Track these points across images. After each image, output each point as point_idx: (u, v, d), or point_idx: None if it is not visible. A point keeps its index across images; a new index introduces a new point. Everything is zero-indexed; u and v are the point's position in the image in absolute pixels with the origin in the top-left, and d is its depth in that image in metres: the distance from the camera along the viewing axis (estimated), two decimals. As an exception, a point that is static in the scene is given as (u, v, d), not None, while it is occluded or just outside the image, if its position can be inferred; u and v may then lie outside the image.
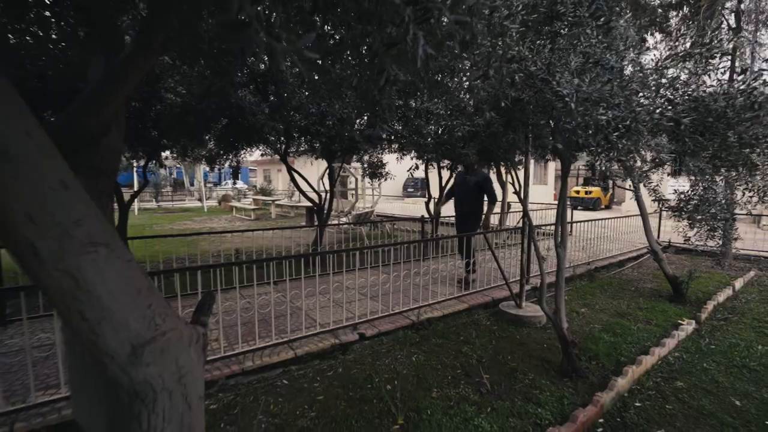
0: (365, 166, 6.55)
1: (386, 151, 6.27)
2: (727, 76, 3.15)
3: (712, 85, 3.23)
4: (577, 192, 16.98)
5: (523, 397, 2.63)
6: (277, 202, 15.94)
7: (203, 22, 1.59)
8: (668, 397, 2.60)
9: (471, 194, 4.89)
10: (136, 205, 14.62)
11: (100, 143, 1.27)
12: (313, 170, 9.78)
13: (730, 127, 2.63)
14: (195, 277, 3.03)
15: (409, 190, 22.52)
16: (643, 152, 3.41)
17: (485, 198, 4.88)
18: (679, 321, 3.93)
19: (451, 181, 6.69)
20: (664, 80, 2.56)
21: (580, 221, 7.30)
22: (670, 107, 2.28)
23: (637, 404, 2.54)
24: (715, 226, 4.45)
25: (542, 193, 17.76)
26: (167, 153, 6.00)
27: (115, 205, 4.68)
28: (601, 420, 2.38)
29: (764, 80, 2.89)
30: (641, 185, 4.94)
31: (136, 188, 12.31)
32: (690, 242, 4.53)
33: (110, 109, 1.24)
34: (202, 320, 1.10)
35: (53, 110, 3.33)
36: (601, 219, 7.15)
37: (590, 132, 2.28)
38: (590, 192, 16.62)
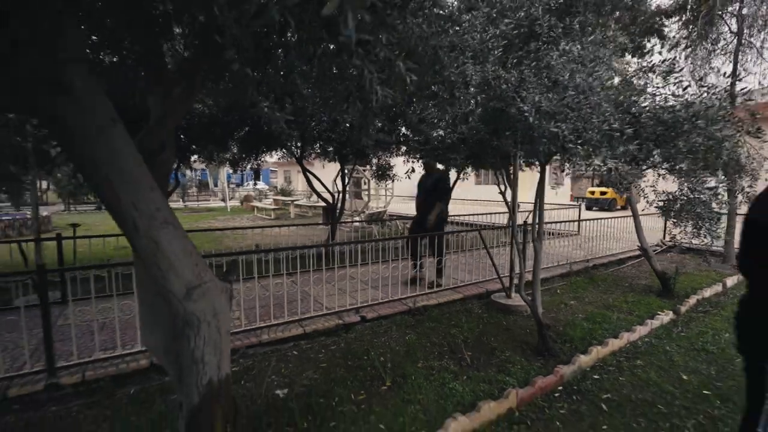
0: (374, 168, 7.05)
1: (394, 154, 6.75)
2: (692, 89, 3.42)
3: (678, 96, 3.57)
4: (592, 193, 16.97)
5: (497, 369, 3.04)
6: (296, 203, 16.64)
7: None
8: (624, 372, 2.96)
9: (429, 195, 4.99)
10: (165, 205, 15.57)
11: (157, 157, 1.80)
12: (329, 172, 10.35)
13: (678, 136, 2.97)
14: (220, 268, 3.59)
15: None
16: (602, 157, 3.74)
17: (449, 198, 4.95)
18: (659, 312, 4.23)
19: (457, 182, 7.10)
20: (622, 97, 2.93)
21: (587, 220, 7.56)
22: (615, 119, 2.64)
23: (596, 377, 2.92)
24: (700, 224, 4.72)
25: (560, 194, 17.89)
26: (194, 157, 6.66)
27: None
28: (560, 387, 2.77)
29: (718, 92, 3.22)
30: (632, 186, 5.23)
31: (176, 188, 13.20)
32: (689, 242, 4.80)
33: (164, 134, 1.77)
34: (229, 279, 1.61)
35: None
36: (605, 218, 7.40)
37: (546, 141, 2.69)
38: (605, 192, 16.57)
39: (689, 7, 6.41)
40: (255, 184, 27.97)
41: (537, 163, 3.68)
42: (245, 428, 2.06)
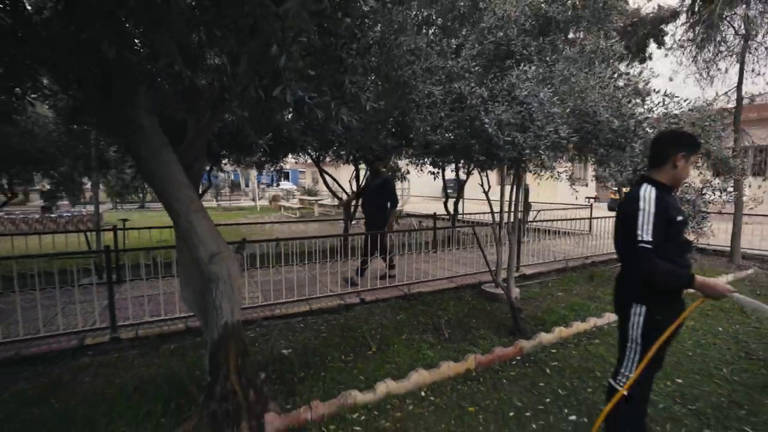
0: (383, 169, 7.65)
1: (401, 156, 7.31)
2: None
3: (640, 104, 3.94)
4: (614, 193, 16.78)
5: (469, 343, 3.57)
6: (320, 202, 17.52)
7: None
8: (579, 348, 3.41)
9: (374, 197, 5.25)
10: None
11: (193, 167, 2.49)
12: (348, 173, 11.05)
13: (627, 142, 3.38)
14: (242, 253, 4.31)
15: (448, 191, 23.37)
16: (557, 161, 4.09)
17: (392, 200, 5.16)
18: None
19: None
20: (582, 107, 3.38)
21: (598, 218, 7.85)
22: (561, 129, 3.09)
23: (553, 351, 3.38)
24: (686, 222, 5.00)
25: (584, 193, 17.85)
26: (225, 160, 7.51)
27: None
28: (518, 357, 3.26)
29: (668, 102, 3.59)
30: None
31: (201, 189, 14.47)
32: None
33: (196, 149, 2.46)
34: (240, 252, 2.26)
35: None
36: (600, 218, 7.65)
37: (508, 148, 3.19)
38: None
39: (696, 9, 6.53)
40: (278, 184, 29.27)
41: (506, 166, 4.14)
42: (254, 371, 2.71)
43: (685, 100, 4.18)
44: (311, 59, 1.87)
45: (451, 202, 8.80)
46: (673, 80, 7.58)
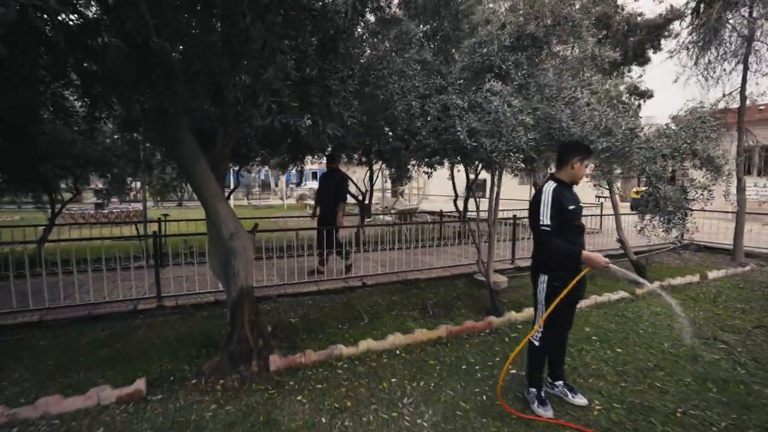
0: (392, 169, 8.28)
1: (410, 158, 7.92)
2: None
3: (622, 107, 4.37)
4: (637, 193, 16.55)
5: (449, 319, 4.15)
6: (341, 201, 18.39)
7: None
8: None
9: (330, 195, 5.55)
10: (231, 202, 18.26)
11: (219, 167, 3.25)
12: (362, 172, 11.76)
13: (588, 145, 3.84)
14: (254, 234, 5.09)
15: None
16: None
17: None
18: (615, 292, 4.98)
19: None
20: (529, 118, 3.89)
21: (607, 215, 8.18)
22: (528, 135, 3.60)
23: (519, 326, 3.92)
24: (669, 219, 5.35)
25: (591, 192, 17.71)
26: (252, 162, 8.41)
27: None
28: (487, 330, 3.83)
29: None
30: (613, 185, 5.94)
31: (231, 186, 15.72)
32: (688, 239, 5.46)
33: (222, 154, 3.21)
34: (253, 232, 2.99)
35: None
36: (608, 215, 7.92)
37: (482, 151, 3.75)
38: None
39: (701, 10, 6.69)
40: (297, 184, 30.54)
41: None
42: (263, 326, 3.42)
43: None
44: (300, 89, 2.56)
45: (459, 201, 9.30)
46: (677, 81, 7.73)
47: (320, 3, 2.26)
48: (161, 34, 1.64)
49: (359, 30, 2.73)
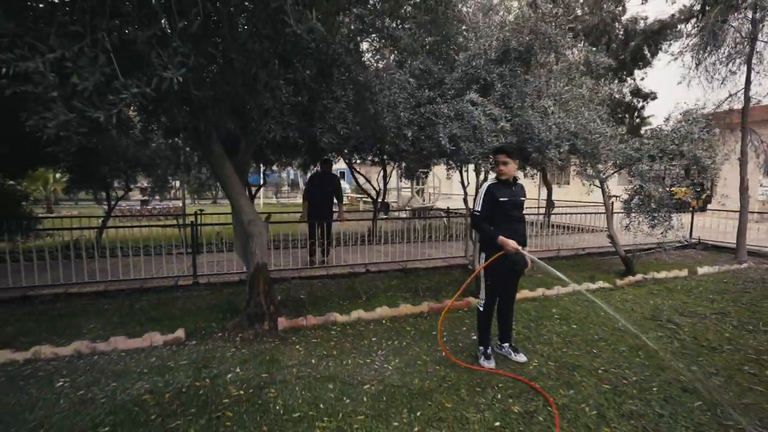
0: (402, 169, 8.95)
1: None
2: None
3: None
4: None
5: (435, 300, 4.78)
6: (364, 199, 19.20)
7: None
8: (518, 308, 4.46)
9: (328, 195, 6.33)
10: (261, 200, 19.50)
11: (242, 169, 4.05)
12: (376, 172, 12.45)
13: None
14: (268, 222, 5.92)
15: None
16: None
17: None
18: (595, 282, 5.42)
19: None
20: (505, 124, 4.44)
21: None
22: (500, 141, 4.17)
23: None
24: (653, 216, 5.73)
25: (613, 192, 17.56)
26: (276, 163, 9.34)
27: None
28: (465, 309, 4.43)
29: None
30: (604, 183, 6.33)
31: (260, 184, 17.02)
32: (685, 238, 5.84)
33: (244, 159, 4.01)
34: (268, 220, 3.77)
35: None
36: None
37: (464, 154, 4.36)
38: (674, 193, 15.81)
39: (705, 11, 6.86)
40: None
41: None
42: (275, 295, 4.19)
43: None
44: (301, 107, 3.29)
45: (470, 200, 9.83)
46: (680, 84, 7.92)
47: (314, 44, 2.97)
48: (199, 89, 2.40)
49: (351, 57, 3.41)
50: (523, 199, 3.09)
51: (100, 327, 3.80)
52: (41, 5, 1.54)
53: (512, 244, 2.80)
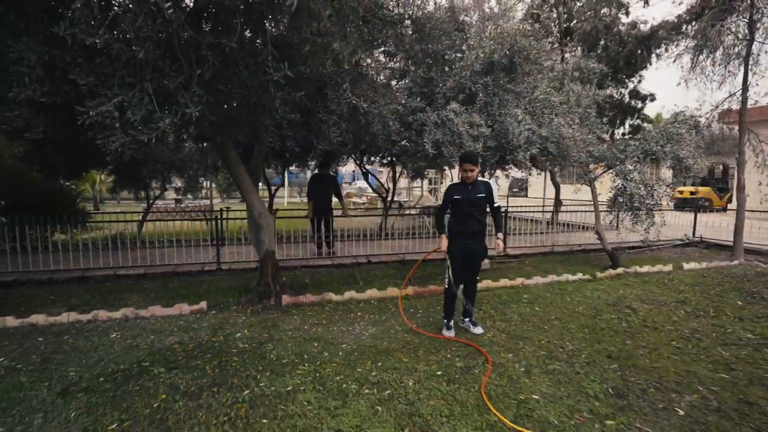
0: (408, 170, 9.58)
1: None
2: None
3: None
4: (681, 192, 16.03)
5: (424, 286, 5.40)
6: (382, 197, 19.93)
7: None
8: (489, 293, 5.01)
9: (326, 191, 7.10)
10: (285, 199, 20.62)
11: (255, 171, 4.84)
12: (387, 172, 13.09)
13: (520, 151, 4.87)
14: (274, 216, 6.71)
15: (513, 190, 24.34)
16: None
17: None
18: (576, 275, 5.85)
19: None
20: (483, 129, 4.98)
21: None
22: (479, 146, 4.73)
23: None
24: (638, 213, 6.10)
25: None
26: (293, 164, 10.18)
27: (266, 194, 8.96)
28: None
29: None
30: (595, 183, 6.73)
31: (282, 186, 18.03)
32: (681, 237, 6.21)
33: (257, 162, 4.80)
34: (275, 214, 4.53)
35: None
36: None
37: (446, 158, 4.96)
38: (694, 192, 15.55)
39: (704, 15, 7.05)
40: (352, 183, 32.63)
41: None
42: (281, 277, 4.94)
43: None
44: (299, 119, 4.01)
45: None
46: (679, 85, 8.12)
47: (308, 69, 3.67)
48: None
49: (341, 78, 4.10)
50: (480, 196, 3.65)
51: (142, 300, 4.69)
52: (109, 66, 2.30)
53: (442, 244, 3.44)
